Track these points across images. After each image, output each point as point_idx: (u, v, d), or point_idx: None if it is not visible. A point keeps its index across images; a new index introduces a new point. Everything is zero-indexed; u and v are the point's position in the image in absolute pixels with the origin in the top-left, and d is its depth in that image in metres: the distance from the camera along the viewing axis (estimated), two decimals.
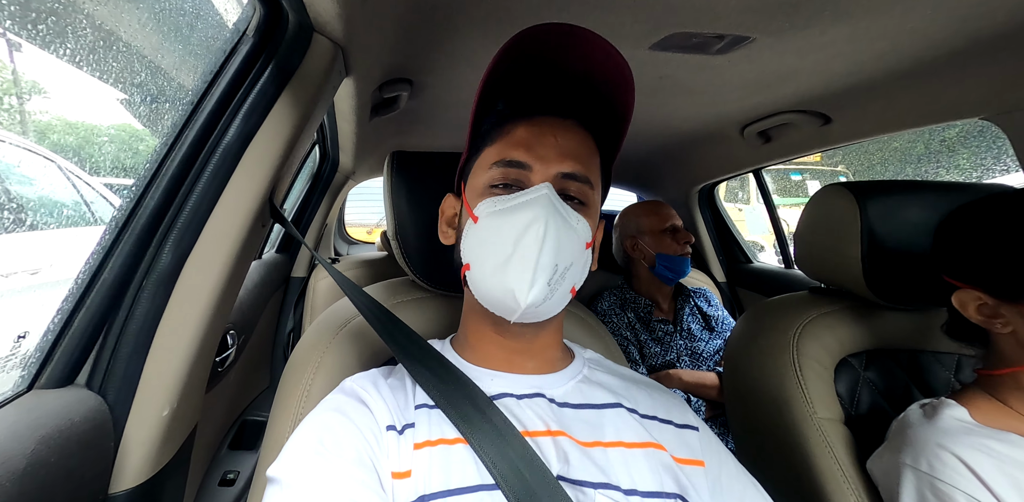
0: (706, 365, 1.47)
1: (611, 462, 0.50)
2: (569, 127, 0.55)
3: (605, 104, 0.56)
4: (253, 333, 1.34)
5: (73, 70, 0.54)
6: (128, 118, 0.80)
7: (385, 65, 0.99)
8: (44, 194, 1.09)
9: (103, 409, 0.49)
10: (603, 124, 0.58)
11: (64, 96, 0.75)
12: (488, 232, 0.51)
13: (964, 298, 0.63)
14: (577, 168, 0.53)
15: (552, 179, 0.52)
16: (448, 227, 0.62)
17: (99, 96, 0.69)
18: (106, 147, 0.97)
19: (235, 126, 0.59)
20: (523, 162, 0.52)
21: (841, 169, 5.50)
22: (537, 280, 0.48)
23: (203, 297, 0.58)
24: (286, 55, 0.64)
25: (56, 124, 0.95)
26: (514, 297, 0.48)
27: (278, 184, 0.69)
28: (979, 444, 0.56)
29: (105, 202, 1.17)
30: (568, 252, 0.51)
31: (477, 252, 0.52)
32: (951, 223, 0.67)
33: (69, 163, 1.13)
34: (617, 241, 1.62)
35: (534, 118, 0.54)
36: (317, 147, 1.76)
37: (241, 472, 1.05)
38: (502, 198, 0.52)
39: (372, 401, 0.51)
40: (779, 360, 0.82)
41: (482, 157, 0.56)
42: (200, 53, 0.63)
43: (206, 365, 0.64)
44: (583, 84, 0.55)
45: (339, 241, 2.87)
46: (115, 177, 1.07)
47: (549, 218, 0.49)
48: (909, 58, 0.92)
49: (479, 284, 0.52)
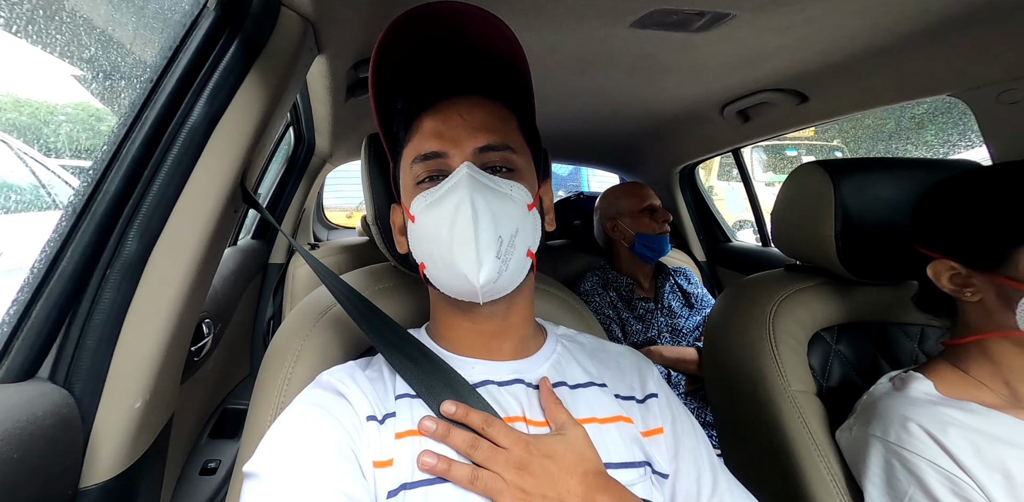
0: (686, 341, 1.51)
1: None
2: (474, 101, 0.54)
3: (502, 72, 0.55)
4: (230, 322, 1.31)
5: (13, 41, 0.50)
6: (85, 96, 0.76)
7: (359, 42, 0.96)
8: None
9: (69, 403, 0.47)
10: (508, 91, 0.57)
11: (9, 71, 0.71)
12: (426, 227, 0.51)
13: (938, 268, 0.65)
14: (491, 138, 0.52)
15: (470, 157, 0.52)
16: (400, 236, 0.61)
17: (50, 72, 0.65)
18: (63, 127, 0.92)
19: (200, 105, 0.57)
20: (437, 151, 0.52)
21: (837, 143, 5.42)
22: (484, 257, 0.48)
23: (174, 285, 0.56)
24: (252, 30, 0.61)
25: (5, 101, 0.90)
26: (467, 280, 0.48)
27: (250, 167, 0.66)
28: (943, 414, 0.59)
29: (64, 185, 1.12)
30: (508, 220, 0.50)
31: (424, 249, 0.52)
32: (929, 198, 0.69)
33: (22, 144, 1.08)
34: (598, 223, 1.64)
35: (436, 105, 0.54)
36: (292, 129, 1.70)
37: (222, 461, 1.05)
38: (430, 191, 0.51)
39: (350, 393, 0.50)
40: (756, 336, 0.84)
41: (403, 159, 0.56)
42: (156, 26, 0.60)
43: (180, 355, 0.62)
44: (475, 58, 0.55)
45: (318, 226, 2.83)
46: (73, 159, 1.02)
47: (474, 194, 0.49)
48: (883, 35, 0.93)
49: (437, 278, 0.53)
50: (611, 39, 0.97)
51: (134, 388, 0.53)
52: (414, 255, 0.55)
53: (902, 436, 0.60)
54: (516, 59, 0.54)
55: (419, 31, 0.51)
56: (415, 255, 0.55)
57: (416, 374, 0.52)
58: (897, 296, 0.88)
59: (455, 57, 0.55)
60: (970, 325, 0.65)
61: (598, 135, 1.90)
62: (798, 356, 0.83)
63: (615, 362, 0.62)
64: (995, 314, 0.61)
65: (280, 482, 0.42)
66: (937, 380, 0.65)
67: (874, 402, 0.67)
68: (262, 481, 0.43)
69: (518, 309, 0.57)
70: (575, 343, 0.64)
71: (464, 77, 0.55)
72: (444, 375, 0.52)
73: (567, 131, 1.82)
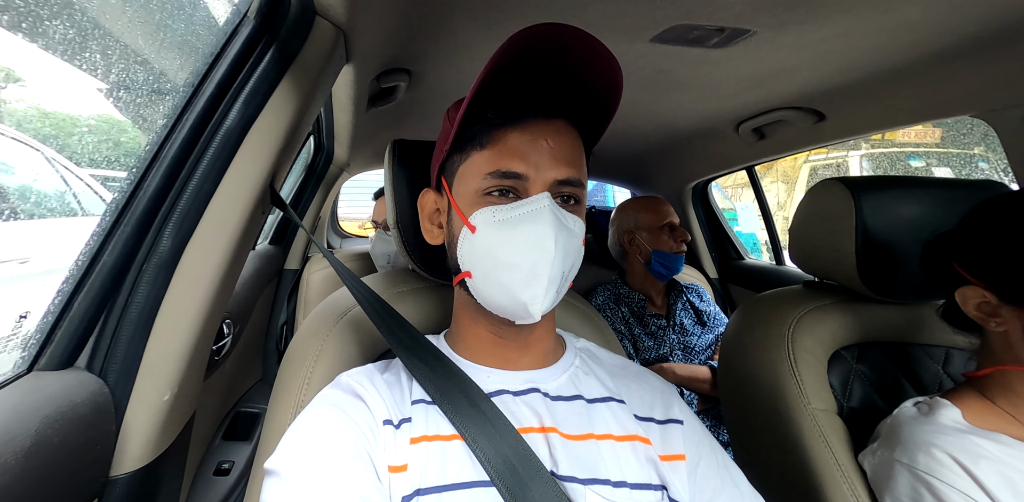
0: (698, 359, 1.49)
1: (602, 455, 0.51)
2: (559, 128, 0.54)
3: (593, 102, 0.55)
4: (247, 324, 1.32)
5: (53, 60, 0.53)
6: (110, 108, 0.78)
7: (385, 53, 0.99)
8: (28, 184, 1.06)
9: (104, 392, 0.49)
10: (589, 119, 0.57)
11: (44, 85, 0.73)
12: (491, 244, 0.51)
13: (968, 293, 0.62)
14: (571, 173, 0.53)
15: (550, 187, 0.52)
16: (432, 225, 0.60)
17: (82, 86, 0.67)
18: (86, 138, 0.95)
19: (236, 110, 0.58)
20: (519, 173, 0.51)
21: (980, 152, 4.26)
22: (549, 292, 0.50)
23: (203, 283, 0.57)
24: (287, 38, 0.63)
25: (34, 114, 0.93)
26: (527, 310, 0.49)
27: (278, 170, 0.68)
28: (973, 445, 0.57)
29: (92, 193, 1.15)
30: (572, 256, 0.52)
31: (480, 263, 0.52)
32: (976, 216, 0.65)
33: (55, 153, 1.11)
34: (614, 235, 1.63)
35: (524, 122, 0.53)
36: (312, 138, 1.74)
37: (236, 462, 1.05)
38: (501, 208, 0.51)
39: (368, 396, 0.50)
40: (774, 353, 0.83)
41: (471, 161, 0.54)
42: (201, 34, 0.62)
43: (204, 352, 0.63)
44: (573, 84, 0.54)
45: (332, 235, 2.86)
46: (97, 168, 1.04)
47: (557, 231, 0.49)
48: (902, 54, 0.93)
49: (485, 293, 0.52)
50: (628, 54, 0.98)
51: (164, 381, 0.54)
52: (460, 262, 0.54)
53: (931, 465, 0.58)
54: (613, 94, 0.53)
55: (529, 48, 0.50)
56: (462, 262, 0.53)
57: (432, 379, 0.52)
58: (919, 317, 0.87)
59: (557, 80, 0.54)
60: (992, 353, 0.63)
61: (610, 149, 1.91)
62: (818, 374, 0.81)
63: (636, 380, 0.61)
64: (1017, 348, 0.59)
65: (299, 481, 0.43)
66: (965, 408, 0.63)
67: (899, 426, 0.65)
68: (282, 479, 0.43)
69: (542, 327, 0.58)
70: (594, 357, 0.63)
71: (558, 101, 0.55)
72: (459, 382, 0.52)
73: None
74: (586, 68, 0.52)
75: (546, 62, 0.52)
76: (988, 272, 0.61)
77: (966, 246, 0.65)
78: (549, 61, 0.52)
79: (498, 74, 0.51)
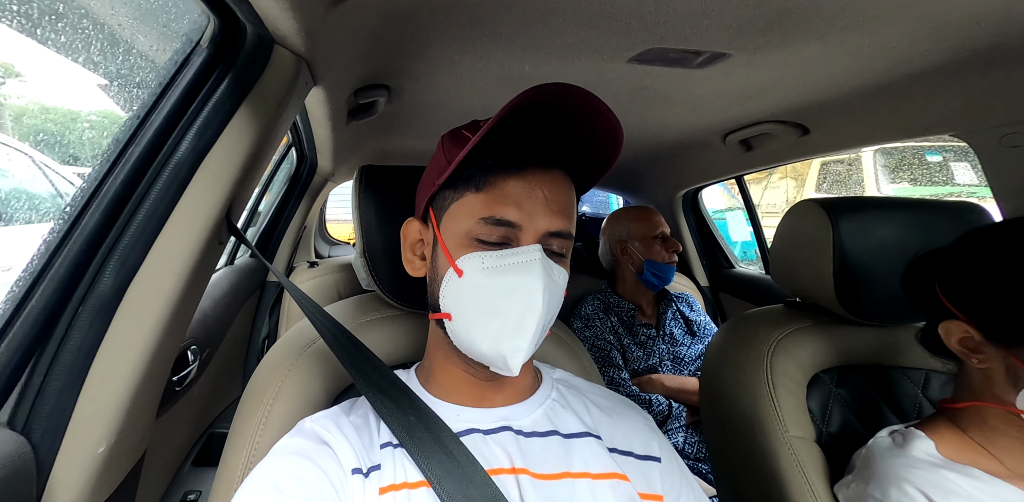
0: (688, 370, 1.48)
1: (577, 494, 0.49)
2: (556, 179, 0.53)
3: (590, 154, 0.55)
4: (223, 342, 1.30)
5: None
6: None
7: (358, 73, 0.97)
8: (18, 187, 1.04)
9: (24, 452, 0.45)
10: (584, 169, 0.57)
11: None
12: (477, 291, 0.50)
13: (952, 328, 0.60)
14: (563, 225, 0.52)
15: (541, 238, 0.51)
16: (414, 255, 0.59)
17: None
18: (86, 134, 0.92)
19: (188, 141, 0.56)
20: (513, 222, 0.50)
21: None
22: (530, 345, 0.49)
23: (150, 321, 0.55)
24: (244, 67, 0.61)
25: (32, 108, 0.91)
26: (506, 362, 0.49)
27: (237, 199, 0.66)
28: (945, 480, 0.56)
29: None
30: (555, 309, 0.52)
31: (462, 308, 0.51)
32: (966, 245, 0.62)
33: (43, 156, 1.09)
34: (606, 243, 1.62)
35: (523, 170, 0.52)
36: (294, 150, 1.72)
37: (203, 492, 1.02)
38: (490, 255, 0.50)
39: (336, 442, 0.49)
40: (753, 376, 0.82)
41: (464, 202, 0.52)
42: (144, 66, 0.60)
43: (156, 390, 0.61)
44: (571, 135, 0.54)
45: (320, 242, 2.83)
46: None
47: (546, 284, 0.48)
48: (882, 74, 0.92)
49: (464, 339, 0.51)
50: (608, 72, 0.97)
51: (99, 432, 0.51)
52: (441, 303, 0.52)
53: (901, 500, 0.57)
54: (612, 148, 0.53)
55: (533, 99, 0.48)
56: (443, 304, 0.52)
57: (399, 419, 0.50)
58: (899, 339, 0.85)
59: (554, 130, 0.53)
60: (970, 387, 0.62)
61: None
62: (796, 400, 0.80)
63: (616, 413, 0.60)
64: (997, 386, 0.57)
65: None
66: (938, 440, 0.62)
67: (873, 459, 0.64)
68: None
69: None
70: (571, 388, 0.62)
71: (557, 152, 0.54)
72: (426, 421, 0.50)
73: None
74: (586, 121, 0.51)
75: (546, 112, 0.51)
76: (974, 307, 0.59)
77: (953, 276, 0.62)
78: (550, 111, 0.51)
79: (503, 127, 0.49)
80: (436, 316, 0.53)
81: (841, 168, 3.42)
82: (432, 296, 0.54)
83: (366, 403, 0.54)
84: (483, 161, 0.51)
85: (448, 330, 0.52)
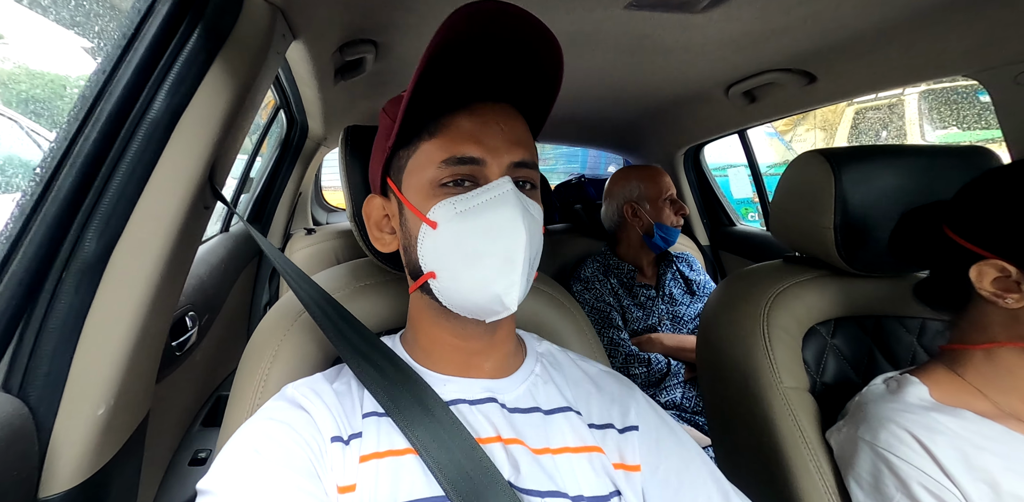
0: (686, 328, 1.50)
1: (559, 468, 0.49)
2: (508, 112, 0.51)
3: (536, 85, 0.52)
4: (222, 310, 1.31)
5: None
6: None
7: (342, 26, 0.92)
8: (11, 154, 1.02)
9: (22, 413, 0.46)
10: (534, 106, 0.54)
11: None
12: (456, 237, 0.48)
13: (985, 269, 0.57)
14: (525, 155, 0.50)
15: (507, 171, 0.49)
16: (381, 233, 0.57)
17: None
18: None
19: (161, 98, 0.54)
20: (476, 157, 0.48)
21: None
22: (521, 279, 0.47)
23: (140, 286, 0.54)
24: (215, 17, 0.57)
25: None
26: (502, 302, 0.47)
27: (220, 161, 0.64)
28: (934, 421, 0.57)
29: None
30: (537, 243, 0.50)
31: (446, 260, 0.49)
32: (985, 184, 0.60)
33: (32, 123, 1.06)
34: (613, 205, 1.58)
35: (472, 106, 0.50)
36: (283, 113, 1.67)
37: (213, 450, 1.06)
38: (461, 198, 0.48)
39: (315, 409, 0.48)
40: (749, 330, 0.82)
41: (420, 152, 0.50)
42: (103, 13, 0.56)
43: (154, 354, 0.61)
44: (516, 66, 0.50)
45: (316, 209, 2.80)
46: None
47: (523, 214, 0.47)
48: (891, 13, 0.87)
49: (454, 292, 0.49)
50: (606, 21, 0.92)
51: (96, 394, 0.52)
52: (422, 263, 0.50)
53: (891, 441, 0.58)
54: (556, 78, 0.50)
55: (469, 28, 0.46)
56: (424, 263, 0.50)
57: (384, 387, 0.49)
58: (896, 288, 0.85)
59: (496, 62, 0.50)
60: (985, 329, 0.60)
61: (598, 116, 1.85)
62: (792, 352, 0.80)
63: (596, 386, 0.59)
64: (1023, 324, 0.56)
65: (231, 500, 0.40)
66: (932, 385, 0.62)
67: (866, 404, 0.65)
68: (217, 499, 0.40)
69: (505, 325, 0.56)
70: (555, 363, 0.61)
71: (506, 84, 0.52)
72: (413, 388, 0.50)
73: (565, 113, 1.77)
74: (528, 49, 0.48)
75: (486, 42, 0.47)
76: (1007, 245, 0.56)
77: (973, 219, 0.59)
78: (490, 40, 0.47)
79: (445, 56, 0.46)
80: (419, 281, 0.52)
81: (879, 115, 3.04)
82: (411, 263, 0.53)
83: (350, 371, 0.54)
84: (429, 104, 0.49)
85: (435, 290, 0.50)
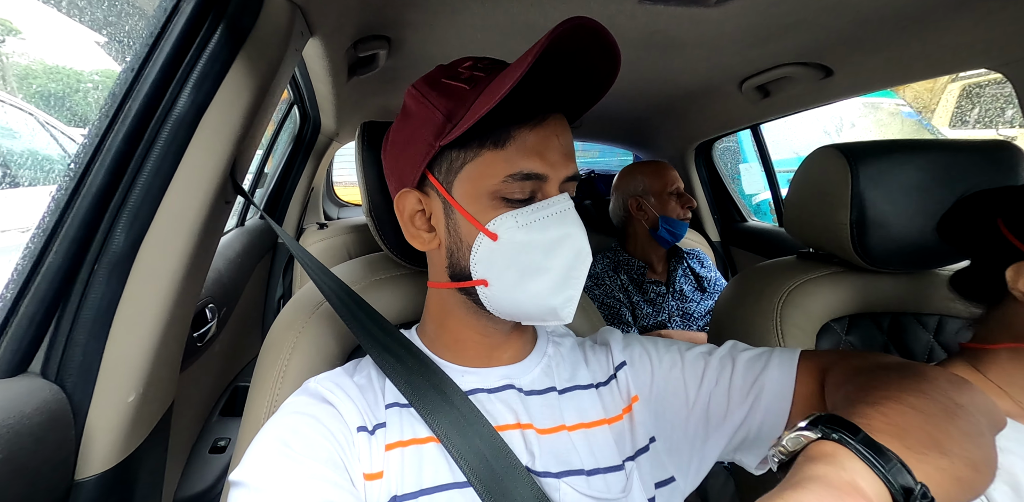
0: (696, 325, 1.49)
1: (575, 445, 0.51)
2: (563, 124, 0.51)
3: (585, 95, 0.53)
4: (239, 302, 1.33)
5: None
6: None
7: (356, 22, 0.92)
8: (29, 148, 1.04)
9: (60, 398, 0.48)
10: (573, 109, 0.55)
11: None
12: (517, 251, 0.48)
13: (1023, 269, 0.56)
14: (575, 169, 0.51)
15: (562, 184, 0.50)
16: (417, 229, 0.55)
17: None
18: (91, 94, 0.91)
19: (186, 95, 0.55)
20: (540, 174, 0.48)
21: None
22: (579, 294, 0.49)
23: (165, 278, 0.56)
24: (237, 15, 0.58)
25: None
26: (557, 314, 0.49)
27: (240, 157, 0.65)
28: None
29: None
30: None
31: (503, 271, 0.49)
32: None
33: (48, 116, 1.07)
34: (619, 200, 1.58)
35: (538, 118, 0.49)
36: (296, 108, 1.68)
37: (232, 439, 1.08)
38: (523, 212, 0.48)
39: (339, 402, 0.49)
40: (762, 327, 0.82)
41: (482, 161, 0.49)
42: (132, 13, 0.57)
43: (179, 344, 0.63)
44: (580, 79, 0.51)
45: (328, 204, 2.82)
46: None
47: (582, 231, 0.48)
48: (912, 2, 0.85)
49: (503, 301, 0.50)
50: (618, 16, 0.91)
51: (127, 382, 0.54)
52: (473, 270, 0.50)
53: None
54: (605, 90, 0.52)
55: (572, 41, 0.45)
56: (476, 271, 0.50)
57: (405, 376, 0.51)
58: (914, 285, 0.84)
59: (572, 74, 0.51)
60: (1011, 328, 0.59)
61: (609, 111, 1.84)
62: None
63: (591, 347, 0.61)
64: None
65: (268, 492, 0.41)
66: None
67: None
68: (250, 490, 0.42)
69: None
70: (563, 337, 0.63)
71: (570, 97, 0.52)
72: (433, 378, 0.51)
73: None
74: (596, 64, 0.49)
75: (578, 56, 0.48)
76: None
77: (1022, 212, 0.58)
78: (582, 55, 0.48)
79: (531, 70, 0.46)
80: (464, 285, 0.51)
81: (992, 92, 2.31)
82: (455, 265, 0.52)
83: (370, 363, 0.55)
84: (497, 114, 0.46)
85: (482, 296, 0.50)
